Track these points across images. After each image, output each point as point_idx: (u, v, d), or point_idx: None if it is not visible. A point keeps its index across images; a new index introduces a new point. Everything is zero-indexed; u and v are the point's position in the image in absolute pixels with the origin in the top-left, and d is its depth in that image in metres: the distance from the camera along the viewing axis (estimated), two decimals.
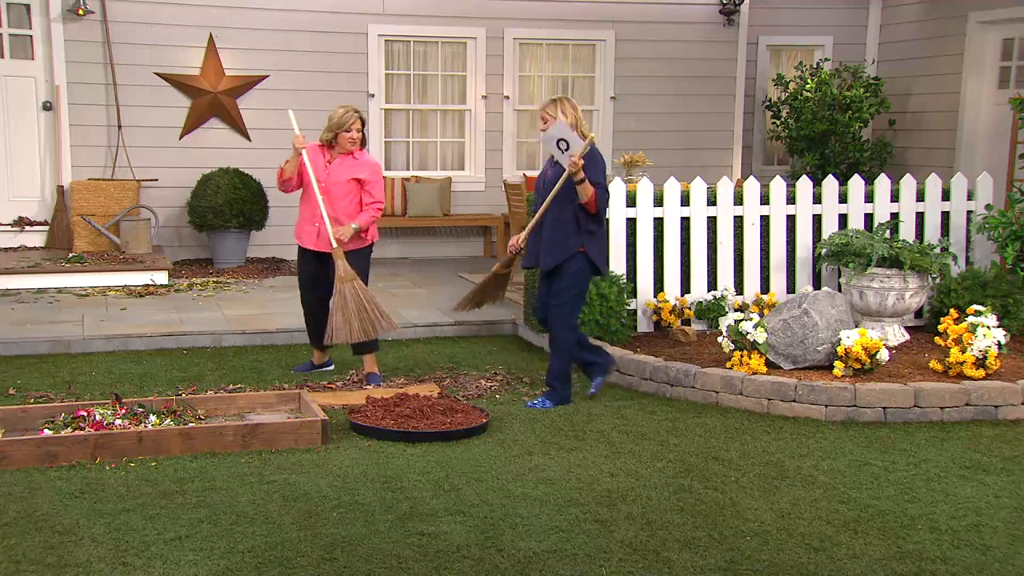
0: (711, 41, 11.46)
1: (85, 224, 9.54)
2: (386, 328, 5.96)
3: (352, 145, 6.05)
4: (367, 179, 6.09)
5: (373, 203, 6.11)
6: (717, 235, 7.14)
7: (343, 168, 6.06)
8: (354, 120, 6.02)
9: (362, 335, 5.87)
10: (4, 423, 4.99)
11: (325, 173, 6.05)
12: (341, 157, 6.08)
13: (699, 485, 4.51)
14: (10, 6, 9.74)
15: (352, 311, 5.83)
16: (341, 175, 6.05)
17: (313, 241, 6.09)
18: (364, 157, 6.16)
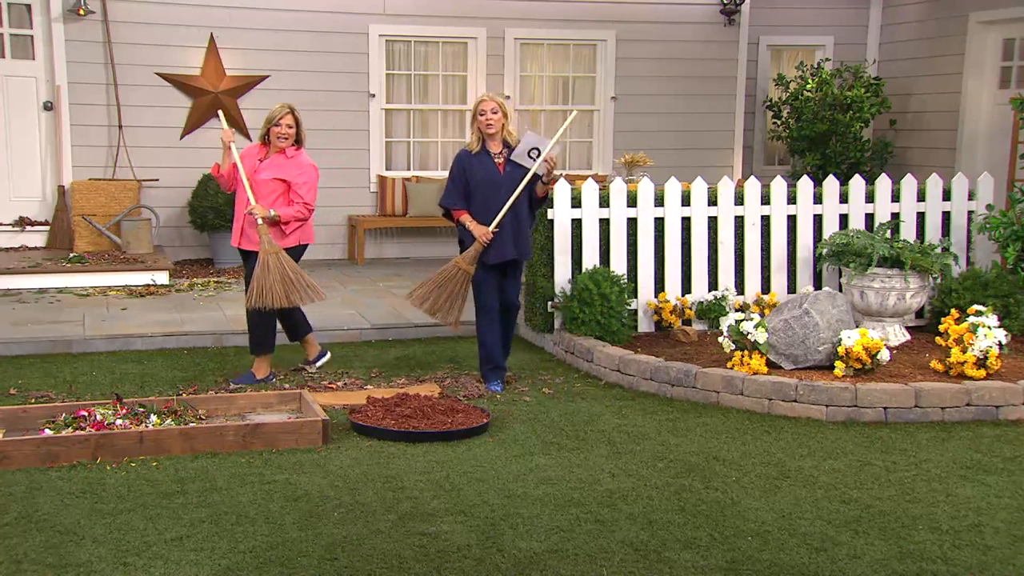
0: (712, 41, 11.46)
1: (86, 224, 9.54)
2: (314, 298, 5.87)
3: (282, 141, 5.89)
4: (293, 180, 5.90)
5: (300, 202, 5.92)
6: (718, 235, 7.14)
7: (271, 167, 5.93)
8: (284, 115, 5.86)
9: (286, 302, 5.77)
10: (5, 423, 4.99)
11: (254, 171, 5.93)
12: (274, 155, 5.95)
13: (700, 485, 4.50)
14: (11, 6, 9.74)
15: (275, 279, 5.72)
16: (267, 173, 5.91)
17: (237, 238, 6.01)
18: (297, 157, 5.96)
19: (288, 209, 5.91)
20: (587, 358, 6.48)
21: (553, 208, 6.86)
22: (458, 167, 5.96)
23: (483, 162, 5.92)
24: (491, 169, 5.91)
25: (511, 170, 5.91)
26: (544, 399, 5.87)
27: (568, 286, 6.84)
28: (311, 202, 5.98)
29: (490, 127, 5.86)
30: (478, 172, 5.91)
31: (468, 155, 5.95)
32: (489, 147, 5.94)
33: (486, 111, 5.85)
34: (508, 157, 5.91)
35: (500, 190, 5.87)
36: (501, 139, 5.93)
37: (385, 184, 10.61)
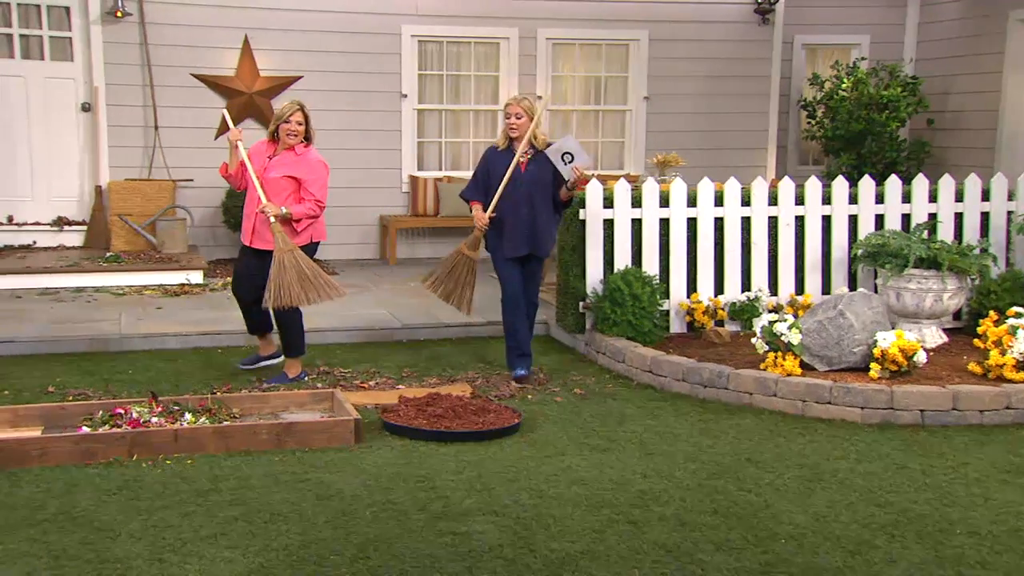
0: (746, 40, 11.38)
1: (122, 224, 9.65)
2: (332, 295, 5.87)
3: (292, 138, 5.86)
4: (304, 178, 5.89)
5: (312, 200, 5.91)
6: (751, 235, 7.09)
7: (281, 164, 5.90)
8: (294, 111, 5.84)
9: (305, 300, 5.78)
10: (44, 420, 5.06)
11: (264, 168, 5.90)
12: (283, 153, 5.92)
13: (733, 487, 4.47)
14: (50, 9, 9.87)
15: (292, 278, 5.72)
16: (277, 171, 5.88)
17: (249, 236, 5.99)
18: (307, 155, 5.95)
19: (300, 206, 5.88)
20: (619, 359, 6.46)
21: (585, 208, 6.85)
22: (482, 162, 6.23)
23: (506, 160, 6.08)
24: (514, 167, 6.03)
25: (533, 169, 6.06)
26: (576, 400, 5.86)
27: (600, 286, 6.82)
28: (322, 199, 5.96)
29: (513, 131, 6.06)
30: (499, 169, 6.08)
31: (494, 151, 6.19)
32: (515, 146, 6.11)
33: (511, 115, 6.05)
34: (533, 156, 6.06)
35: (521, 188, 6.04)
36: (528, 141, 6.06)
37: (417, 184, 10.64)
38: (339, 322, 7.50)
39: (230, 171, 5.99)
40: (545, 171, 6.05)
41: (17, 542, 3.77)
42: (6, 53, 9.81)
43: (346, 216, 10.51)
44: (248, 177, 5.91)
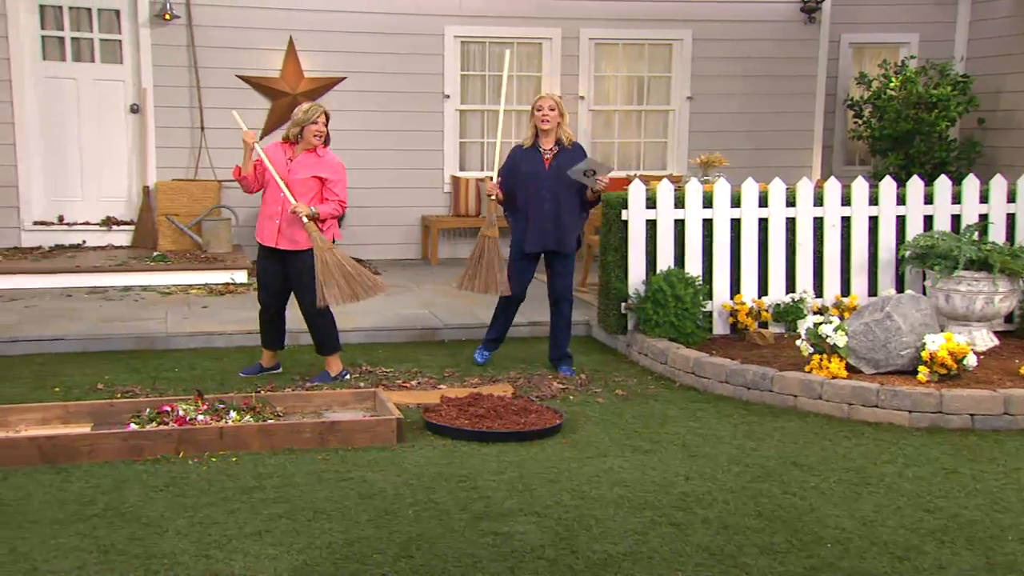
0: (791, 39, 11.27)
1: (169, 224, 9.78)
2: (377, 290, 5.93)
3: (317, 140, 5.90)
4: (329, 178, 5.94)
5: (336, 200, 5.97)
6: (796, 236, 7.01)
7: (305, 165, 5.91)
8: (319, 113, 5.89)
9: (353, 298, 5.85)
10: (93, 417, 5.14)
11: (286, 170, 5.91)
12: (304, 154, 5.93)
13: (777, 490, 4.43)
14: (101, 12, 10.04)
15: (337, 276, 5.79)
16: (303, 172, 5.90)
17: (274, 238, 5.96)
18: (328, 155, 6.00)
19: (325, 206, 5.92)
20: (661, 360, 6.43)
21: (627, 209, 6.82)
22: (508, 159, 6.38)
23: (531, 156, 6.23)
24: (538, 163, 6.20)
25: (557, 165, 6.17)
26: (618, 400, 5.84)
27: (642, 287, 6.79)
28: (345, 199, 6.04)
29: (545, 122, 6.14)
30: (524, 166, 6.23)
31: (519, 149, 6.33)
32: (541, 142, 6.23)
33: (543, 107, 6.15)
34: (558, 153, 6.18)
35: (545, 183, 6.16)
36: (555, 136, 6.21)
37: (459, 185, 10.66)
38: (381, 322, 7.54)
39: (244, 174, 5.97)
40: (570, 166, 6.13)
41: (68, 536, 3.83)
42: (58, 56, 9.99)
43: (388, 216, 10.57)
44: (267, 178, 5.93)
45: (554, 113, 6.14)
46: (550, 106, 6.14)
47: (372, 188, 10.29)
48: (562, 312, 6.44)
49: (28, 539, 3.80)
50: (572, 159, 6.17)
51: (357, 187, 10.24)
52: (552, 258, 6.35)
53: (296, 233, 5.90)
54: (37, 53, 9.89)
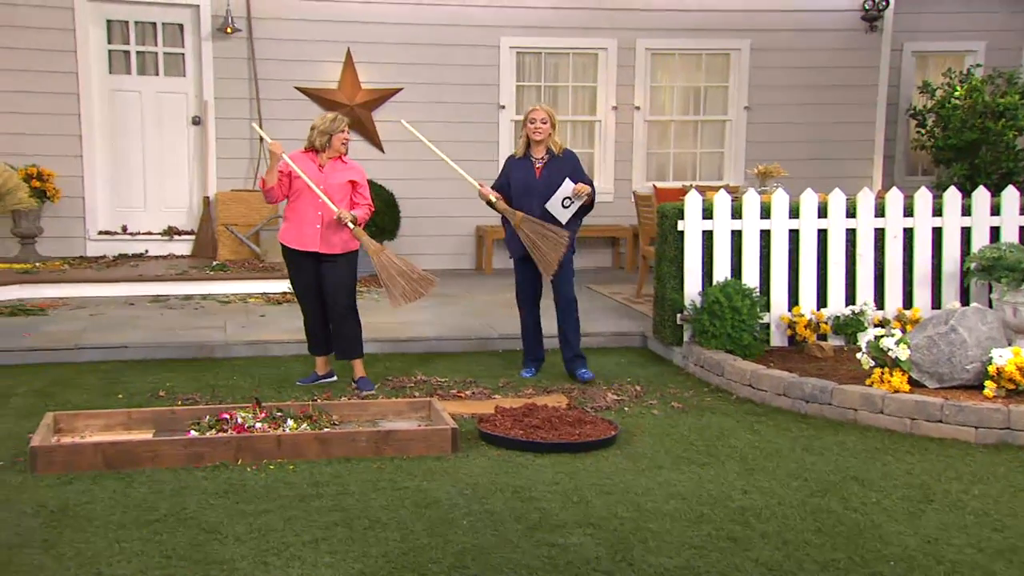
0: (852, 48, 11.13)
1: (228, 233, 9.94)
2: (430, 285, 6.05)
3: (345, 147, 6.11)
4: (359, 181, 6.14)
5: (366, 203, 6.17)
6: (856, 248, 6.90)
7: (337, 171, 6.08)
8: (344, 123, 6.11)
9: (415, 295, 5.98)
10: (155, 424, 5.23)
11: (322, 177, 6.03)
12: (332, 161, 6.08)
13: (838, 506, 4.35)
14: (165, 26, 10.26)
15: (396, 276, 5.95)
16: (338, 177, 6.06)
17: (317, 243, 6.04)
18: (351, 162, 6.22)
19: (360, 211, 6.11)
20: (717, 372, 6.36)
21: (684, 219, 6.77)
22: (503, 169, 6.59)
23: (523, 166, 6.40)
24: (529, 172, 6.36)
25: (548, 173, 6.31)
26: (673, 413, 5.78)
27: (698, 298, 6.73)
28: (372, 203, 6.26)
29: (537, 133, 6.31)
30: (516, 175, 6.41)
31: (512, 159, 6.53)
32: (532, 152, 6.40)
33: (535, 119, 6.31)
34: (548, 162, 6.34)
35: (535, 192, 6.31)
36: (546, 146, 6.36)
37: None
38: (436, 331, 7.57)
39: (270, 185, 6.04)
40: (558, 176, 6.28)
41: (131, 541, 3.89)
42: (123, 69, 10.23)
43: (442, 226, 10.63)
44: (296, 187, 6.04)
45: (546, 125, 6.31)
46: (542, 118, 6.31)
47: (427, 198, 10.36)
48: (569, 313, 6.50)
49: (93, 543, 3.87)
50: (561, 166, 6.32)
51: (412, 197, 10.37)
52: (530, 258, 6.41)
53: (333, 237, 6.05)
54: (104, 67, 10.14)
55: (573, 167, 6.37)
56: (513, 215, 6.35)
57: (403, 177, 10.27)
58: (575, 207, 6.30)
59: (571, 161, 6.41)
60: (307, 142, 6.12)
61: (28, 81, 9.72)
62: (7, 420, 5.44)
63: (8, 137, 9.38)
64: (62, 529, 3.98)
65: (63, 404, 5.74)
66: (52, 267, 9.33)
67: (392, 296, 6.00)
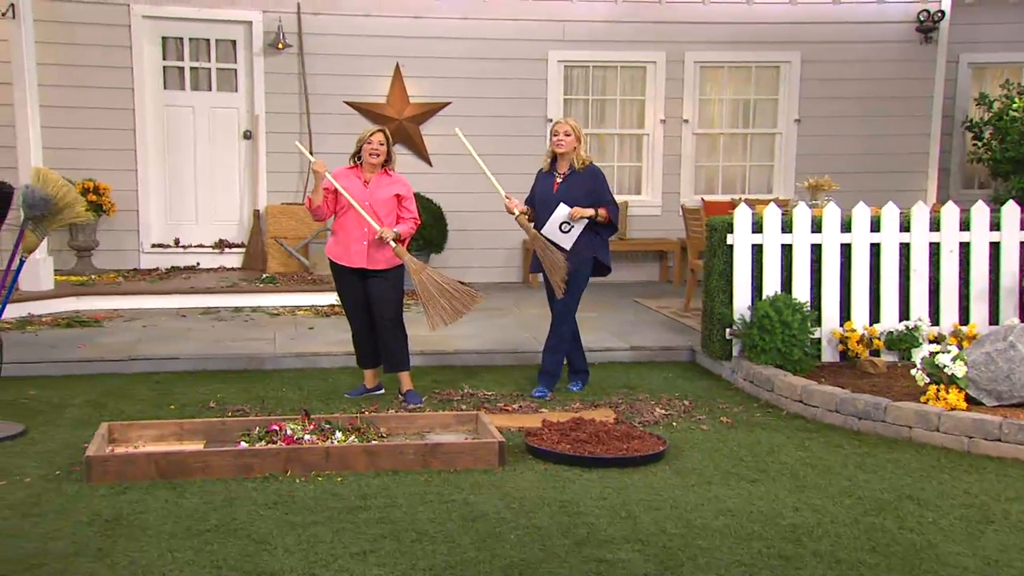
0: (906, 60, 10.98)
1: (278, 246, 10.04)
2: (474, 301, 6.02)
3: (374, 158, 5.99)
4: (404, 195, 6.08)
5: (412, 217, 6.12)
6: (910, 262, 6.79)
7: (382, 186, 6.04)
8: (375, 132, 6.02)
9: (456, 315, 5.96)
10: (206, 435, 5.29)
11: (367, 192, 6.00)
12: (376, 176, 6.06)
13: (892, 525, 4.26)
14: (218, 42, 10.43)
15: (437, 296, 5.92)
16: (383, 192, 6.02)
17: (364, 259, 6.03)
18: (396, 175, 6.15)
19: (403, 226, 6.07)
20: (767, 387, 6.28)
21: (733, 233, 6.71)
22: (534, 183, 6.55)
23: (545, 180, 6.40)
24: (547, 187, 6.35)
25: (565, 189, 6.28)
26: (722, 428, 5.72)
27: (748, 313, 6.66)
28: (418, 216, 6.20)
29: (560, 145, 6.25)
30: (538, 188, 6.44)
31: (539, 173, 6.52)
32: (557, 167, 6.36)
33: (559, 132, 6.28)
34: (567, 176, 6.29)
35: (551, 206, 6.28)
36: (569, 161, 6.29)
37: None
38: (483, 345, 7.57)
39: (316, 204, 6.04)
40: (576, 191, 6.23)
41: (183, 551, 3.93)
42: (177, 85, 10.41)
43: (490, 240, 10.64)
44: (341, 203, 6.02)
45: (569, 138, 6.24)
46: (566, 131, 6.26)
47: (475, 211, 10.38)
48: (555, 329, 6.44)
49: (146, 552, 3.92)
50: (579, 183, 6.25)
51: (460, 210, 10.40)
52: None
53: (378, 253, 6.05)
54: (159, 83, 10.33)
55: (593, 184, 6.27)
56: (528, 231, 6.34)
57: (451, 190, 10.31)
58: (576, 231, 6.24)
59: (592, 177, 6.30)
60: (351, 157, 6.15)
61: (86, 97, 9.93)
62: (63, 430, 5.54)
63: (66, 152, 9.57)
64: (116, 538, 4.03)
65: (116, 414, 5.83)
66: (107, 279, 9.51)
67: (430, 317, 5.98)
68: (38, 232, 5.60)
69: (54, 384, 6.54)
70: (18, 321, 8.11)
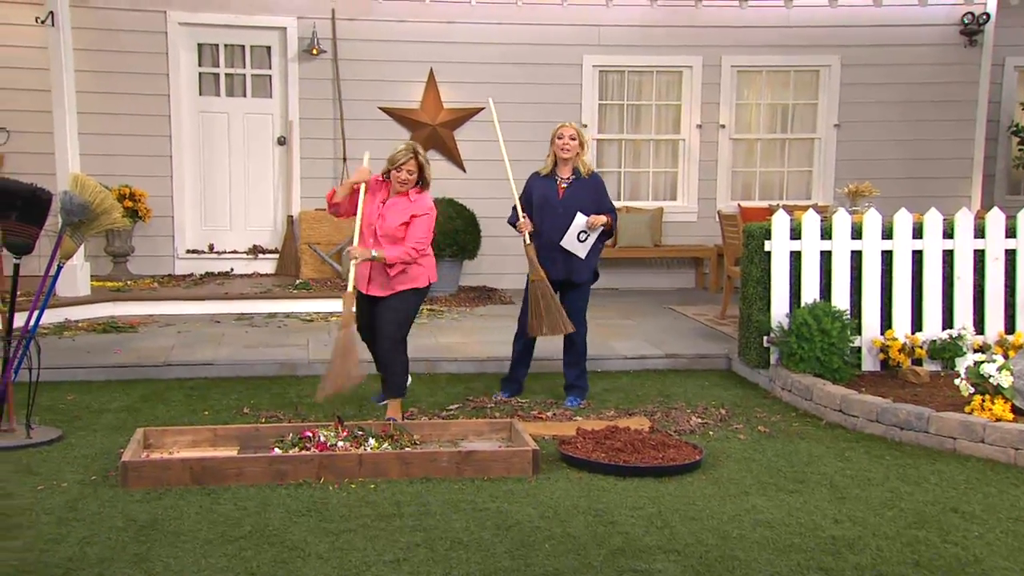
0: (949, 64, 10.81)
1: (311, 252, 10.06)
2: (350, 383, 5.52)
3: (403, 186, 5.68)
4: (416, 216, 5.69)
5: (410, 241, 5.69)
6: (954, 270, 6.66)
7: (395, 212, 5.70)
8: (407, 160, 5.63)
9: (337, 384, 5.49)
10: (240, 441, 5.28)
11: (378, 216, 5.72)
12: (397, 197, 5.73)
13: (936, 538, 4.16)
14: (253, 48, 10.49)
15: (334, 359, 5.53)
16: (395, 217, 5.69)
17: (364, 284, 5.82)
18: (419, 199, 5.74)
19: (396, 250, 5.67)
20: (806, 396, 6.18)
21: (771, 239, 6.62)
22: (525, 187, 6.33)
23: (545, 185, 6.21)
24: (551, 192, 6.18)
25: (571, 194, 6.14)
26: (760, 437, 5.63)
27: (786, 320, 6.56)
28: (419, 245, 5.72)
29: (566, 150, 6.14)
30: (537, 194, 6.22)
31: (535, 177, 6.31)
32: (559, 171, 6.23)
33: (564, 136, 6.16)
34: (572, 182, 6.18)
35: (557, 211, 6.12)
36: (573, 166, 6.20)
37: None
38: None
39: (336, 199, 5.80)
40: (583, 197, 6.13)
41: (217, 557, 3.92)
42: (213, 91, 10.48)
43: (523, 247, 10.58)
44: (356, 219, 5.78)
45: (575, 143, 6.15)
46: (571, 135, 6.15)
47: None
48: (574, 342, 6.34)
49: (180, 558, 3.91)
50: (586, 189, 6.16)
51: (495, 216, 10.32)
52: (565, 288, 6.28)
53: (378, 279, 5.78)
54: (194, 89, 10.40)
55: (596, 191, 6.19)
56: (535, 271, 6.15)
57: (485, 196, 10.27)
58: (592, 239, 6.16)
59: (596, 185, 6.23)
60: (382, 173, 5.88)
61: (122, 103, 10.02)
62: (100, 435, 5.56)
63: (102, 158, 9.66)
64: (151, 544, 4.03)
65: (151, 420, 5.84)
66: (143, 285, 9.57)
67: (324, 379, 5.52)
68: (76, 238, 5.63)
69: (91, 389, 6.58)
70: (55, 326, 8.18)
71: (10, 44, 9.69)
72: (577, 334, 6.31)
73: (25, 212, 5.41)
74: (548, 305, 6.12)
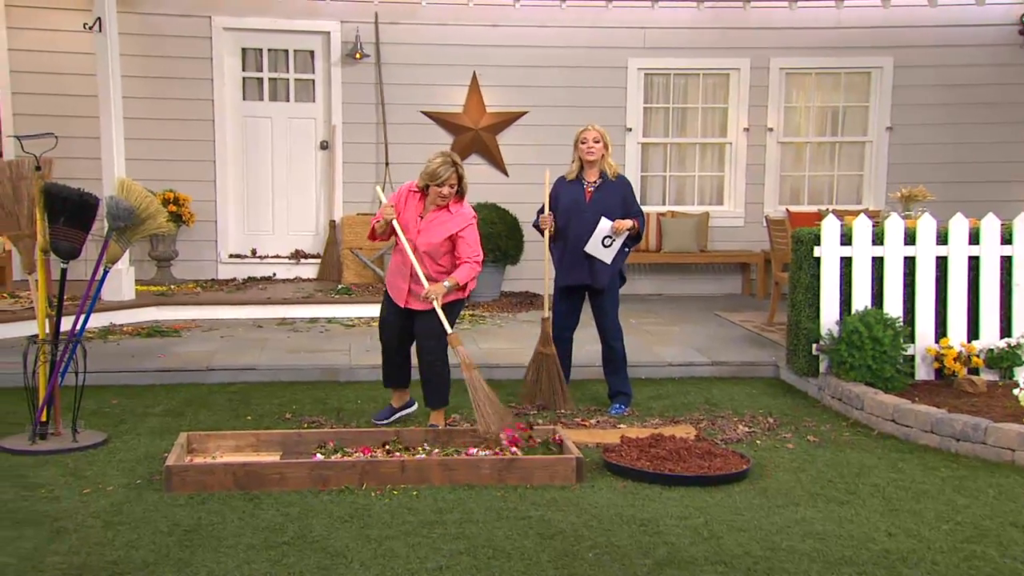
0: (1007, 65, 10.57)
1: (353, 257, 10.07)
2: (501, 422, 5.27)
3: (443, 200, 5.53)
4: (462, 232, 5.54)
5: (471, 256, 5.57)
6: (1012, 276, 6.48)
7: (436, 227, 5.55)
8: (449, 175, 5.46)
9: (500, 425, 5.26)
10: (282, 446, 5.26)
11: (416, 231, 5.56)
12: (435, 211, 5.57)
13: (995, 553, 4.02)
14: (296, 53, 10.54)
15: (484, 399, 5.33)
16: (435, 235, 5.54)
17: (403, 298, 5.64)
18: (459, 211, 5.60)
19: (462, 270, 5.55)
20: (857, 405, 6.04)
21: (820, 245, 6.49)
22: (551, 192, 6.28)
23: (572, 189, 6.16)
24: (578, 195, 6.12)
25: (599, 198, 6.08)
26: (809, 447, 5.51)
27: (836, 328, 6.43)
28: (478, 252, 5.64)
29: (590, 153, 6.07)
30: (564, 198, 6.17)
31: (561, 181, 6.26)
32: (585, 175, 6.17)
33: (588, 139, 6.09)
34: (600, 185, 6.12)
35: (585, 215, 6.06)
36: (599, 169, 6.13)
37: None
38: None
39: (378, 235, 5.71)
40: (610, 201, 6.07)
41: (260, 563, 3.89)
42: (256, 96, 10.54)
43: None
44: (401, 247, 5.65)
45: (599, 145, 6.08)
46: (595, 138, 6.08)
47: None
48: (613, 349, 6.29)
49: (223, 563, 3.88)
50: (614, 192, 6.10)
51: None
52: (592, 294, 6.25)
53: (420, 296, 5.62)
54: (238, 94, 10.47)
55: (624, 194, 6.13)
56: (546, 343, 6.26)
57: (527, 201, 10.18)
58: (617, 244, 6.08)
59: (623, 187, 6.16)
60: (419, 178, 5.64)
61: (167, 108, 10.11)
62: (144, 439, 5.58)
63: (147, 163, 9.75)
64: (195, 548, 4.02)
65: (194, 424, 5.85)
66: (186, 289, 9.64)
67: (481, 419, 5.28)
68: (121, 243, 5.66)
69: (135, 393, 6.61)
70: (101, 330, 8.25)
71: (59, 50, 9.82)
72: (615, 339, 6.27)
73: (72, 217, 5.45)
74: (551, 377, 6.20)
